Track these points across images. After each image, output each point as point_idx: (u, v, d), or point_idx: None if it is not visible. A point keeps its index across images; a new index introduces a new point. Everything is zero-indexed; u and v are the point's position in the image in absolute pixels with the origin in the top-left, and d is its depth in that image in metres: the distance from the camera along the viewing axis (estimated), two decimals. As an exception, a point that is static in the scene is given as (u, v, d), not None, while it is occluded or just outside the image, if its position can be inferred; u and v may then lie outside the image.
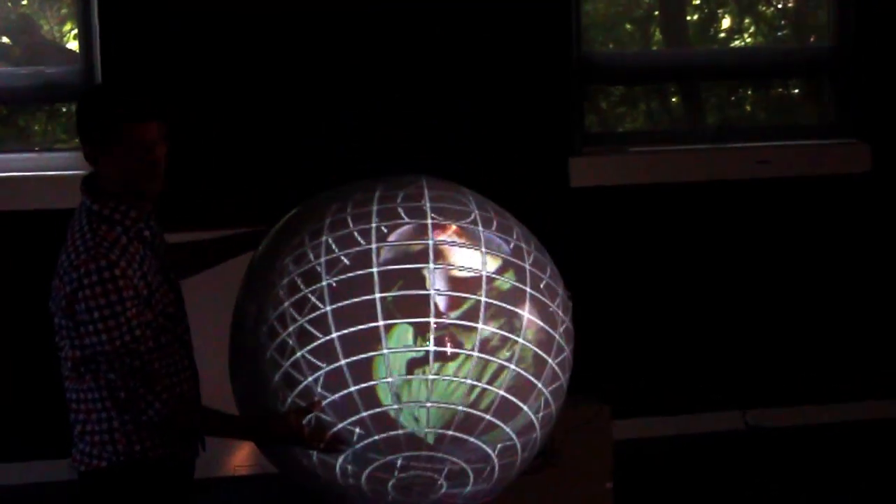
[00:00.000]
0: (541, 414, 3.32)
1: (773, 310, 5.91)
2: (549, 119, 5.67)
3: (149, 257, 3.21)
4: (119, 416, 3.18)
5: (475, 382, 3.18)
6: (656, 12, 6.13)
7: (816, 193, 5.90)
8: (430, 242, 3.23)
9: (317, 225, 3.26)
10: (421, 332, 3.13)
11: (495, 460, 3.31)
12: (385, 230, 3.22)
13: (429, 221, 3.27)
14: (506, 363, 3.21)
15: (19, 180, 5.34)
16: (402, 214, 3.26)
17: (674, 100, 6.16)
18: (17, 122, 5.58)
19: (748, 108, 6.25)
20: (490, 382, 3.20)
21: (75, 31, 5.49)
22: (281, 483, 5.03)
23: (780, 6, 6.27)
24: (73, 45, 5.51)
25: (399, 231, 3.23)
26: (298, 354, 3.14)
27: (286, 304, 3.18)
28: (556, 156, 5.68)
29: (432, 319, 3.15)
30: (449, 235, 3.26)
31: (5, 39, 5.60)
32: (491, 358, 3.19)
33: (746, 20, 6.21)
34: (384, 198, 3.30)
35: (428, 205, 3.30)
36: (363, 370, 3.12)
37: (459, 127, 5.57)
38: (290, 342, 3.15)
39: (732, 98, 6.19)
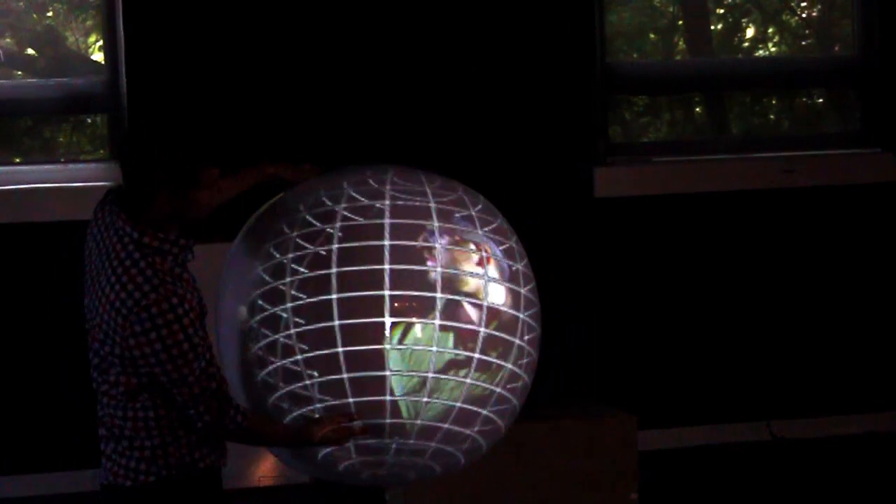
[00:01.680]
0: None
1: (798, 320, 5.89)
2: (573, 129, 5.66)
3: (193, 280, 3.24)
4: (173, 432, 3.22)
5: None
6: (680, 22, 6.12)
7: (841, 203, 5.88)
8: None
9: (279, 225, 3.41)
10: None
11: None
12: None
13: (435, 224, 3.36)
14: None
15: (45, 191, 5.36)
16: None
17: (698, 110, 6.15)
18: (43, 133, 5.60)
19: (772, 117, 6.24)
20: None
21: (100, 42, 5.51)
22: (304, 494, 5.07)
23: (804, 15, 6.26)
24: (99, 56, 5.53)
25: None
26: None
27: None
28: (579, 166, 5.67)
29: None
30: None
31: (31, 51, 5.62)
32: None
33: (770, 29, 6.20)
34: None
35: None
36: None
37: (483, 136, 5.57)
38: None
39: (756, 108, 6.18)
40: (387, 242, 3.32)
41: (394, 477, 3.55)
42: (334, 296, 3.29)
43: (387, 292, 3.28)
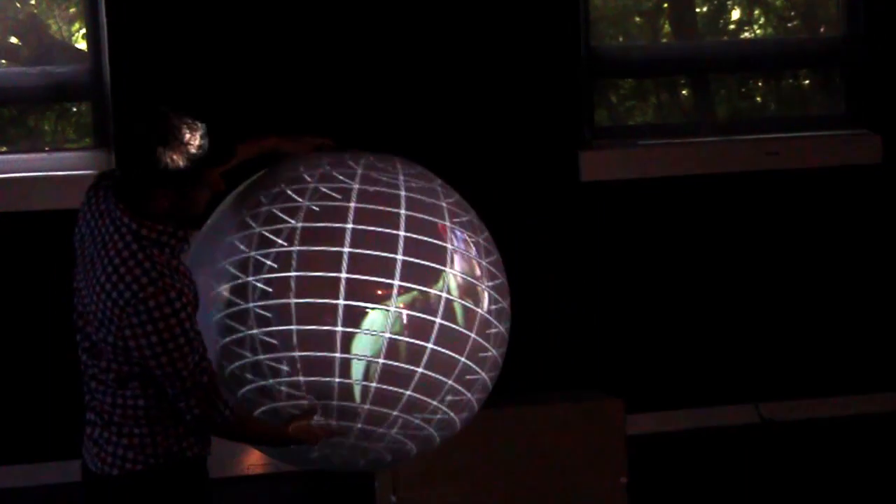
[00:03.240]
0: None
1: (785, 302, 5.90)
2: (559, 113, 5.66)
3: (188, 272, 3.23)
4: (161, 421, 3.22)
5: None
6: (665, 4, 6.11)
7: (828, 185, 5.88)
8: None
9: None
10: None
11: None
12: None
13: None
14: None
15: (29, 180, 5.34)
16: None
17: (683, 92, 6.14)
18: (27, 122, 5.58)
19: (758, 99, 6.23)
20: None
21: (84, 30, 5.49)
22: (293, 482, 5.07)
23: (789, -3, 6.26)
24: (82, 44, 5.51)
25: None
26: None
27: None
28: (565, 150, 5.66)
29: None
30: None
31: (14, 40, 5.60)
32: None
33: (756, 11, 6.19)
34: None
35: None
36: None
37: (467, 122, 5.56)
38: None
39: (742, 90, 6.18)
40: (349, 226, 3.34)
41: (370, 461, 3.55)
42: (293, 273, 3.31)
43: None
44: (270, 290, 3.30)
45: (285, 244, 3.33)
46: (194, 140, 3.14)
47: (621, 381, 5.58)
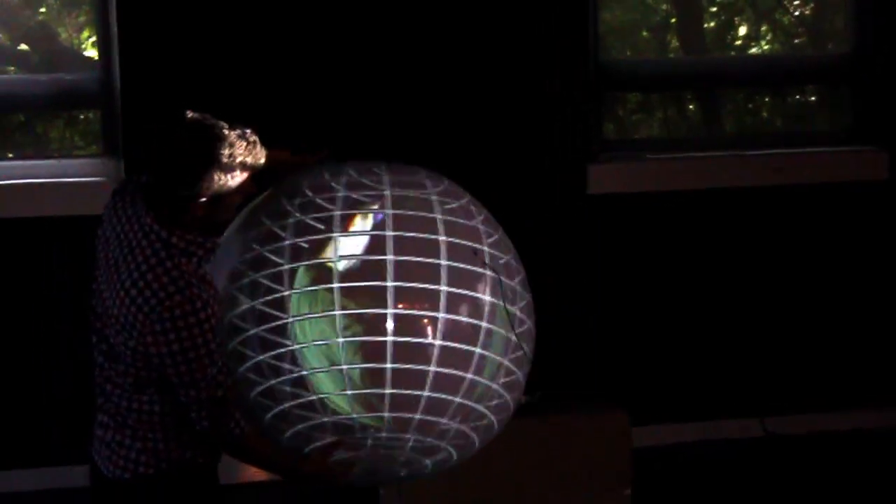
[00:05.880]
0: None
1: (791, 317, 5.90)
2: (567, 126, 5.66)
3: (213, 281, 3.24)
4: (175, 428, 3.22)
5: None
6: (673, 20, 6.13)
7: (834, 201, 5.89)
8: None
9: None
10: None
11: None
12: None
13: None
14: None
15: (37, 187, 5.35)
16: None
17: (691, 107, 6.15)
18: (36, 129, 5.59)
19: (765, 115, 6.24)
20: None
21: (93, 38, 5.50)
22: (300, 488, 5.06)
23: (796, 13, 6.27)
24: (92, 52, 5.52)
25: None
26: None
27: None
28: (573, 163, 5.67)
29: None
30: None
31: (24, 46, 5.61)
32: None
33: (763, 27, 6.21)
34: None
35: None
36: None
37: (477, 134, 5.57)
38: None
39: (749, 105, 6.19)
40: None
41: (384, 474, 3.55)
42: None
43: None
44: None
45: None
46: (237, 153, 3.13)
47: (628, 393, 5.59)
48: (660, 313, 5.81)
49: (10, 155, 5.50)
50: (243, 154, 3.14)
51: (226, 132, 3.13)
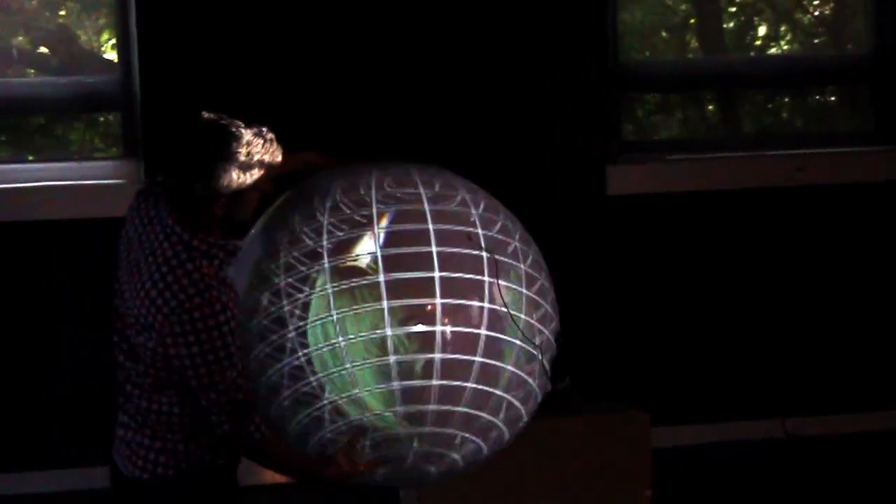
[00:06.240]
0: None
1: (812, 317, 5.89)
2: (586, 127, 5.66)
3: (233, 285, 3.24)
4: (194, 430, 3.22)
5: None
6: (692, 20, 6.12)
7: (855, 201, 5.87)
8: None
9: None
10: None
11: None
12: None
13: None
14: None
15: (57, 189, 5.36)
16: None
17: (710, 108, 6.14)
18: (56, 131, 5.61)
19: (785, 115, 6.23)
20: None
21: (113, 40, 5.52)
22: (318, 491, 5.06)
23: (816, 13, 6.26)
24: (112, 54, 5.54)
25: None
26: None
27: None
28: (592, 164, 5.67)
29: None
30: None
31: (44, 49, 5.62)
32: None
33: (783, 27, 6.20)
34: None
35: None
36: None
37: (496, 134, 5.57)
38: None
39: (769, 105, 6.18)
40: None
41: (414, 474, 3.54)
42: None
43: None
44: None
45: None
46: (254, 150, 3.14)
47: (647, 394, 5.58)
48: (680, 313, 5.80)
49: (31, 157, 5.51)
50: (260, 152, 3.15)
51: (242, 130, 3.14)
